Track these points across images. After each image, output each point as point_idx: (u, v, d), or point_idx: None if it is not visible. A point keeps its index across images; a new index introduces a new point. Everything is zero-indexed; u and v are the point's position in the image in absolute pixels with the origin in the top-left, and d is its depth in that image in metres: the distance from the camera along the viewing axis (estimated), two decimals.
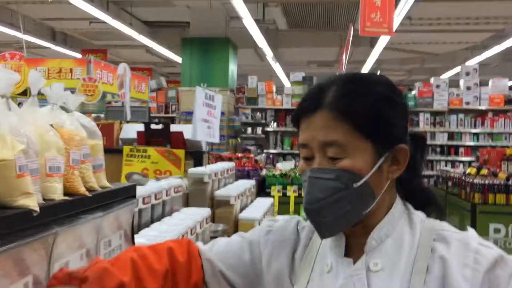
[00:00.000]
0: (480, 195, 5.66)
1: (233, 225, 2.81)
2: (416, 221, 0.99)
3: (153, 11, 11.04)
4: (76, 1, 7.35)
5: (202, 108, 3.03)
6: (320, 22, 11.08)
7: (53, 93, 1.12)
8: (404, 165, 0.98)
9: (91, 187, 1.17)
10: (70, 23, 11.04)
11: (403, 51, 12.87)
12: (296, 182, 5.77)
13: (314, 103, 0.96)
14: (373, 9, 4.18)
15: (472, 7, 8.82)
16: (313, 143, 0.95)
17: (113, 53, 14.29)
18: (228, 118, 10.02)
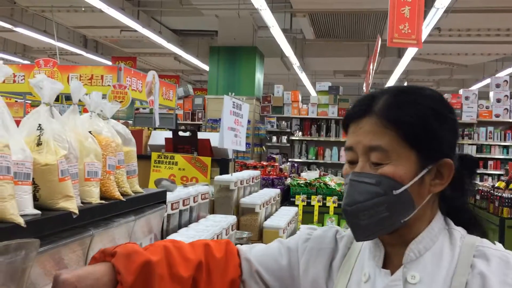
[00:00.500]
0: (509, 209, 5.54)
1: (258, 233, 2.84)
2: (456, 237, 0.99)
3: (182, 20, 11.23)
4: (108, 10, 7.55)
5: (230, 117, 3.08)
6: (347, 32, 11.07)
7: (92, 101, 1.17)
8: (448, 180, 0.99)
9: (124, 191, 1.22)
10: (102, 31, 11.32)
11: (431, 61, 12.72)
12: (320, 192, 5.76)
13: (363, 109, 0.99)
14: (401, 21, 4.17)
15: (502, 18, 8.67)
16: (358, 147, 0.98)
17: (142, 60, 14.56)
18: (253, 126, 10.09)
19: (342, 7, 8.67)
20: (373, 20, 9.86)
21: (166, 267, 0.98)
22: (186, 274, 1.00)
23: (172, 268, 0.99)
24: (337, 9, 8.88)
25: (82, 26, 10.93)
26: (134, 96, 6.64)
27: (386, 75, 14.14)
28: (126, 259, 0.93)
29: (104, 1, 7.32)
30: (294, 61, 11.00)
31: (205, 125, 10.28)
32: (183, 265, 1.01)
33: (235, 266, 1.09)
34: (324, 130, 10.42)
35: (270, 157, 7.71)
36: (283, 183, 5.83)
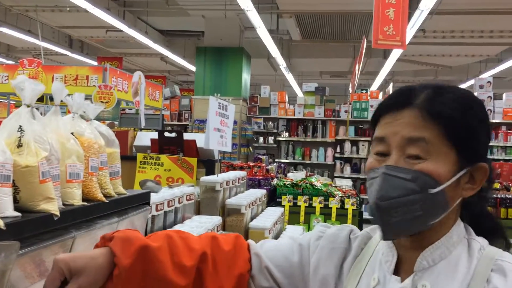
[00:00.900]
0: (492, 209, 5.62)
1: (244, 234, 2.84)
2: (475, 248, 0.93)
3: (169, 20, 11.20)
4: (93, 10, 7.50)
5: (215, 118, 3.08)
6: (333, 33, 11.14)
7: (74, 103, 1.17)
8: (480, 186, 0.94)
9: (107, 193, 1.21)
10: (87, 31, 11.24)
11: (416, 63, 12.86)
12: (306, 192, 5.78)
13: (403, 101, 0.94)
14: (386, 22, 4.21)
15: (486, 20, 8.80)
16: (394, 139, 0.93)
17: (129, 61, 14.49)
18: (240, 127, 10.09)
19: (328, 8, 8.72)
20: (359, 21, 9.94)
21: (167, 254, 0.96)
22: (189, 263, 0.97)
23: (174, 256, 0.96)
24: (323, 10, 8.93)
25: (67, 26, 10.84)
26: (120, 96, 6.60)
27: (372, 76, 14.25)
28: (124, 242, 0.92)
29: (89, 1, 7.27)
30: (281, 61, 11.04)
31: (192, 126, 10.26)
32: (186, 254, 0.98)
33: (244, 260, 1.06)
34: (311, 131, 10.46)
35: (257, 158, 7.72)
36: (270, 184, 5.83)
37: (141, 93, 4.66)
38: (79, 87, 6.38)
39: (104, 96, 6.05)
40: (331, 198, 5.67)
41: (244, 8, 7.21)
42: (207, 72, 10.40)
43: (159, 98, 8.16)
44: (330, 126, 10.36)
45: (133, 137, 3.82)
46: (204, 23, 10.43)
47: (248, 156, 10.49)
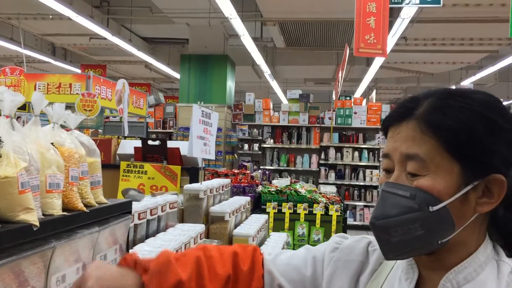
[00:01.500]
0: None
1: (228, 241, 2.85)
2: (504, 271, 0.85)
3: (153, 28, 11.20)
4: (77, 17, 7.46)
5: (199, 126, 3.09)
6: (317, 41, 11.24)
7: (55, 113, 1.17)
8: (498, 200, 0.84)
9: (88, 202, 1.22)
10: (70, 39, 11.17)
11: (399, 70, 13.03)
12: (291, 199, 5.81)
13: (404, 113, 0.89)
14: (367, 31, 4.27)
15: (466, 28, 8.98)
16: (395, 155, 0.88)
17: (113, 68, 14.43)
18: (225, 134, 10.10)
19: (311, 17, 8.81)
20: (342, 29, 10.05)
21: (195, 285, 0.98)
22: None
23: (202, 282, 0.99)
24: (306, 18, 9.02)
25: (50, 33, 10.77)
26: (103, 104, 6.57)
27: (355, 83, 14.41)
28: (159, 278, 0.94)
29: (72, 9, 7.24)
30: (265, 69, 11.10)
31: (177, 133, 10.24)
32: (212, 281, 0.99)
33: (259, 277, 1.05)
34: (295, 138, 10.52)
35: (242, 165, 7.73)
36: (254, 191, 5.85)
37: (124, 101, 4.65)
38: (62, 95, 6.33)
39: (87, 104, 6.02)
40: (316, 204, 5.70)
41: (228, 16, 7.24)
42: (191, 80, 10.41)
43: (144, 105, 8.13)
44: (315, 132, 10.43)
45: (117, 145, 3.81)
46: (189, 31, 10.45)
47: (233, 163, 10.50)
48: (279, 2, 8.12)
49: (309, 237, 5.62)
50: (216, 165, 9.66)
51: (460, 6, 7.68)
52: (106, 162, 3.68)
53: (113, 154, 3.70)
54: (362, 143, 10.28)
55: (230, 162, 10.43)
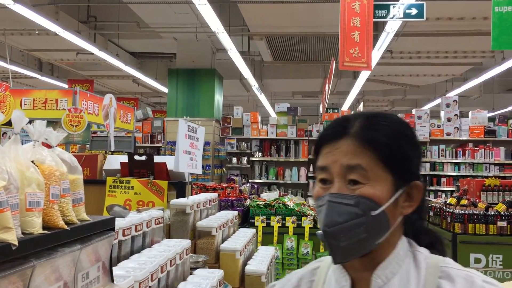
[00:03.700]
0: (460, 225, 5.74)
1: (215, 256, 2.84)
2: (420, 259, 0.99)
3: (140, 42, 11.22)
4: (63, 33, 7.46)
5: (185, 140, 3.09)
6: (304, 54, 11.34)
7: (35, 130, 1.17)
8: (417, 203, 1.01)
9: (70, 220, 1.21)
10: (57, 54, 11.14)
11: (385, 82, 13.17)
12: (279, 212, 5.80)
13: (340, 131, 1.01)
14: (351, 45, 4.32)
15: (450, 41, 9.12)
16: (335, 167, 0.98)
17: (100, 83, 14.40)
18: (213, 148, 10.09)
19: (297, 31, 8.90)
20: (328, 43, 10.16)
21: None
22: None
23: None
24: (293, 33, 9.10)
25: (36, 49, 10.73)
26: (90, 119, 6.54)
27: (343, 95, 14.51)
28: None
29: (59, 24, 7.23)
30: (253, 82, 11.15)
31: (165, 148, 10.21)
32: None
33: None
34: (284, 151, 10.54)
35: (230, 179, 7.71)
36: (243, 205, 5.84)
37: (110, 116, 4.64)
38: (48, 111, 6.31)
39: (74, 119, 5.99)
40: (304, 217, 5.70)
41: (215, 30, 7.29)
42: (179, 94, 10.41)
43: (131, 120, 8.11)
44: (303, 145, 10.46)
45: (103, 160, 3.79)
46: (176, 45, 10.48)
47: (221, 177, 10.48)
48: (265, 17, 8.20)
49: (297, 251, 5.60)
50: (205, 179, 9.63)
51: (444, 20, 7.82)
52: (92, 178, 3.65)
53: (99, 170, 3.68)
54: None
55: (219, 176, 10.41)
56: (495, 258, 5.61)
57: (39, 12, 6.76)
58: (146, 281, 1.63)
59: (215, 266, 2.73)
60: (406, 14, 5.20)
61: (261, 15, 8.10)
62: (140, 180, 3.41)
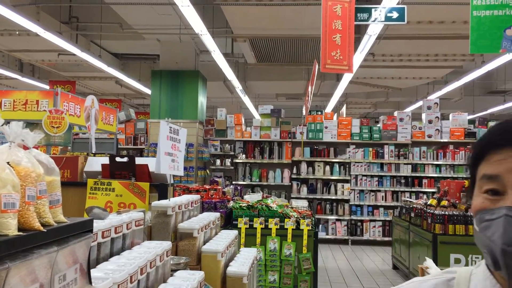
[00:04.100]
0: (440, 225, 5.82)
1: (196, 258, 2.83)
2: None
3: (123, 43, 11.15)
4: (45, 33, 7.37)
5: (166, 142, 3.09)
6: (287, 57, 11.39)
7: (12, 132, 1.16)
8: None
9: (46, 222, 1.20)
10: (38, 55, 11.01)
11: (368, 85, 13.29)
12: (262, 214, 5.81)
13: None
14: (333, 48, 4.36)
15: (431, 45, 9.25)
16: (510, 177, 0.87)
17: (82, 84, 14.26)
18: (197, 149, 10.07)
19: (280, 33, 8.94)
20: (311, 45, 10.22)
21: None
22: None
23: None
24: (276, 35, 9.14)
25: (17, 49, 10.59)
26: (72, 121, 6.49)
27: (326, 97, 14.61)
28: None
29: (40, 25, 7.15)
30: (237, 84, 11.16)
31: (148, 150, 10.16)
32: None
33: None
34: (267, 153, 10.57)
35: (213, 181, 7.70)
36: (226, 207, 5.84)
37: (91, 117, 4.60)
38: (29, 112, 6.24)
39: (55, 121, 5.93)
40: (287, 219, 5.72)
41: (198, 32, 7.28)
42: (163, 95, 10.37)
43: (113, 122, 8.06)
44: (286, 147, 10.50)
45: (84, 162, 3.76)
46: (159, 47, 10.44)
47: (205, 178, 10.46)
48: (249, 19, 8.22)
49: (280, 252, 5.62)
50: (188, 181, 9.60)
51: (424, 23, 7.93)
52: (72, 180, 3.62)
53: (80, 172, 3.65)
54: (333, 157, 10.40)
55: (202, 178, 10.39)
56: (474, 258, 5.70)
57: (20, 12, 6.67)
58: (125, 283, 1.63)
59: (196, 268, 2.73)
60: (388, 18, 5.26)
61: (245, 17, 8.12)
62: (122, 182, 3.39)
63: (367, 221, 10.32)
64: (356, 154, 10.34)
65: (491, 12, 4.36)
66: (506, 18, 4.30)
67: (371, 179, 10.31)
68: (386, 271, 7.82)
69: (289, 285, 5.62)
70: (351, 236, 10.33)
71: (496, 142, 0.91)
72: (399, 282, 7.07)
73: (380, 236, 10.28)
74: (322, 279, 6.99)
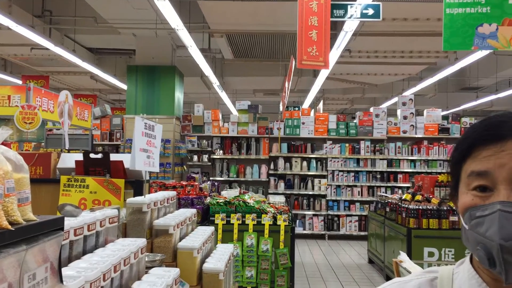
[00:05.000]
0: (414, 220, 5.92)
1: (172, 255, 2.82)
2: None
3: (98, 38, 10.97)
4: (17, 27, 7.20)
5: (142, 138, 3.06)
6: (264, 52, 11.40)
7: None
8: None
9: (15, 220, 1.17)
10: (10, 49, 10.75)
11: (345, 81, 13.40)
12: (239, 210, 5.81)
13: (504, 133, 0.88)
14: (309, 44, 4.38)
15: (405, 41, 9.38)
16: (501, 172, 0.86)
17: (56, 79, 13.99)
18: (174, 145, 10.00)
19: (257, 29, 8.93)
20: (288, 41, 10.25)
21: None
22: None
23: None
24: (253, 30, 9.13)
25: None
26: (45, 117, 6.36)
27: (303, 93, 14.68)
28: None
29: (11, 18, 6.98)
30: (214, 80, 11.11)
31: (124, 146, 10.04)
32: None
33: None
34: (245, 148, 10.57)
35: (190, 177, 7.67)
36: (203, 203, 5.82)
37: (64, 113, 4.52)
38: (0, 108, 6.09)
39: (27, 116, 5.81)
40: (264, 215, 5.74)
41: (174, 27, 7.22)
42: (139, 91, 10.26)
43: (88, 117, 7.93)
44: (264, 143, 10.52)
45: (57, 159, 3.69)
46: (135, 42, 10.32)
47: (182, 175, 10.41)
48: (225, 14, 8.19)
49: (257, 248, 5.64)
50: (165, 177, 9.54)
51: (399, 20, 8.03)
52: (45, 176, 3.55)
53: (52, 168, 3.58)
54: (310, 153, 10.47)
55: (179, 174, 10.33)
56: (447, 252, 5.82)
57: None
58: (97, 281, 1.61)
59: (172, 265, 2.72)
60: (363, 14, 5.31)
61: (221, 12, 8.08)
62: (96, 178, 3.34)
63: (343, 216, 10.43)
64: (333, 150, 10.42)
65: (464, 10, 4.44)
66: (478, 16, 4.38)
67: (348, 175, 10.42)
68: (362, 265, 7.92)
69: (266, 281, 5.64)
70: (328, 231, 10.43)
71: (483, 138, 0.90)
72: (374, 276, 7.17)
73: (356, 230, 10.40)
74: (299, 274, 7.04)
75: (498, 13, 4.36)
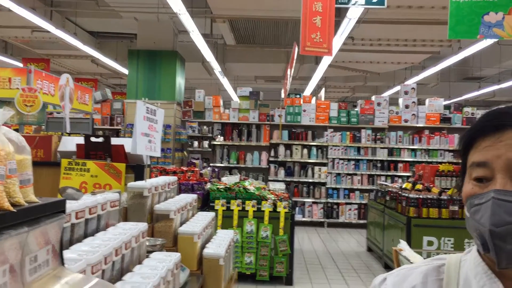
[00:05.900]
0: (414, 209, 5.93)
1: (173, 239, 2.82)
2: None
3: (100, 21, 10.89)
4: (18, 9, 7.14)
5: (143, 122, 3.04)
6: (267, 39, 11.32)
7: None
8: None
9: (17, 202, 1.16)
10: (11, 31, 10.67)
11: (347, 69, 13.33)
12: (239, 196, 5.82)
13: (505, 122, 0.91)
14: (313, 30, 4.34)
15: (409, 30, 9.30)
16: (498, 162, 0.89)
17: (57, 62, 13.92)
18: (174, 131, 9.99)
19: (261, 14, 8.85)
20: (291, 27, 10.17)
21: None
22: None
23: None
24: (256, 16, 9.04)
25: None
26: (46, 100, 6.33)
27: (305, 81, 14.61)
28: None
29: (13, 0, 6.91)
30: (216, 66, 11.05)
31: (124, 130, 10.03)
32: None
33: None
34: (246, 135, 10.55)
35: (191, 162, 7.66)
36: (203, 188, 5.82)
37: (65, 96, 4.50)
38: (1, 90, 6.06)
39: (28, 99, 5.78)
40: (264, 201, 5.74)
41: (176, 11, 7.15)
42: (140, 76, 10.21)
43: (89, 101, 7.90)
44: (265, 130, 10.50)
45: (58, 142, 3.68)
46: (137, 26, 10.24)
47: (182, 160, 10.41)
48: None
49: (257, 234, 5.65)
50: (166, 162, 9.53)
51: (404, 8, 7.95)
52: (46, 159, 3.54)
53: (53, 152, 3.57)
54: (311, 141, 10.45)
55: (180, 160, 10.33)
56: (446, 241, 5.84)
57: None
58: (99, 264, 1.60)
59: (173, 250, 2.72)
60: (368, 1, 5.24)
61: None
62: (97, 162, 3.33)
63: (343, 204, 10.45)
64: (334, 138, 10.41)
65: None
66: (484, 4, 4.33)
67: (348, 163, 10.41)
68: (360, 253, 7.95)
69: (265, 267, 5.66)
70: (327, 218, 10.45)
71: (484, 129, 0.93)
72: (373, 264, 7.21)
73: (355, 219, 10.43)
74: (298, 260, 7.08)
75: (505, 1, 4.31)
